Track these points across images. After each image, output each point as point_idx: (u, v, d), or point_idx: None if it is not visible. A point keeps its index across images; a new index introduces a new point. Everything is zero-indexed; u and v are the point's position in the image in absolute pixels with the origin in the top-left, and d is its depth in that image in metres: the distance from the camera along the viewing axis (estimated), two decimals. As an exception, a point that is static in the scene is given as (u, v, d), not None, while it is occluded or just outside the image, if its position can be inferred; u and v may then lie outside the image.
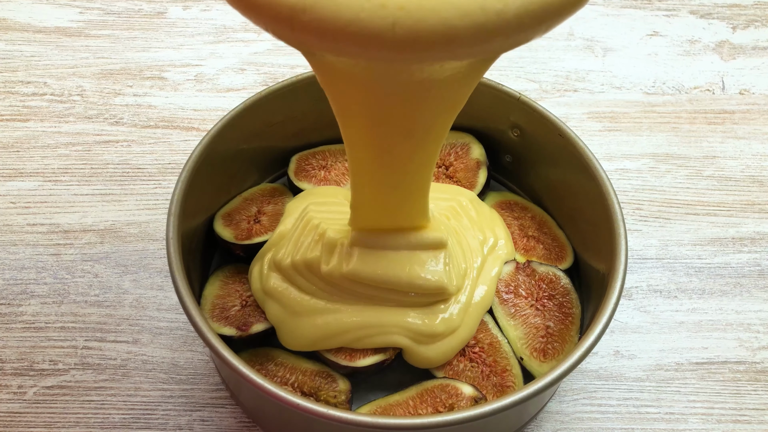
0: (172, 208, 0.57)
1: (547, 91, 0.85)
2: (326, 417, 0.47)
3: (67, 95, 0.83)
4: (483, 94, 0.65)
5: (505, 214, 0.68)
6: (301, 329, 0.58)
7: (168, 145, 0.79)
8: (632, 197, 0.77)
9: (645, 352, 0.67)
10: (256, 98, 0.63)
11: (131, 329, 0.67)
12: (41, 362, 0.65)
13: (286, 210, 0.65)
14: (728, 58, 0.89)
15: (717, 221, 0.75)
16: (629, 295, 0.70)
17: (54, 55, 0.86)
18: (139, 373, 0.65)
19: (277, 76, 0.85)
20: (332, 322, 0.57)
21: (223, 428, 0.62)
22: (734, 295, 0.70)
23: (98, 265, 0.70)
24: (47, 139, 0.79)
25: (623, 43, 0.90)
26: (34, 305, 0.68)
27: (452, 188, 0.67)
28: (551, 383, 0.49)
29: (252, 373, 0.49)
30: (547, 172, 0.67)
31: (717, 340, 0.68)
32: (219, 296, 0.62)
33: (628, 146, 0.80)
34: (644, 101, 0.84)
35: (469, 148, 0.69)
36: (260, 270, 0.61)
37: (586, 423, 0.63)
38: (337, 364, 0.58)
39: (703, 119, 0.83)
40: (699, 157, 0.80)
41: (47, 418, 0.63)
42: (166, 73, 0.85)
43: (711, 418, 0.64)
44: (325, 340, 0.58)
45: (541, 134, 0.65)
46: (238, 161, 0.66)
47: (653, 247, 0.73)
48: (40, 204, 0.74)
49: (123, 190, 0.75)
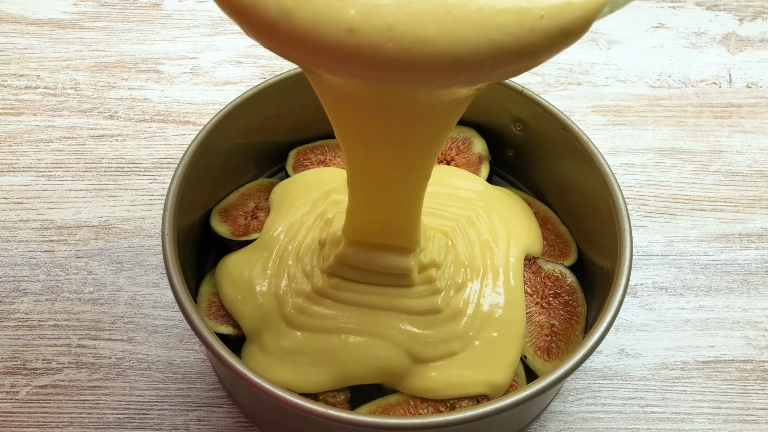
0: (167, 203, 0.56)
1: (550, 85, 0.85)
2: (325, 417, 0.47)
3: (61, 89, 0.82)
4: (485, 87, 0.65)
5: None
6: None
7: (164, 139, 0.79)
8: (637, 192, 0.76)
9: (650, 351, 0.67)
10: (253, 92, 0.63)
11: (126, 327, 0.67)
12: (34, 361, 0.65)
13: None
14: (735, 50, 0.89)
15: (724, 217, 0.75)
16: (634, 292, 0.70)
17: (47, 47, 0.86)
18: (134, 372, 0.65)
19: (275, 69, 0.85)
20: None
21: (220, 428, 0.62)
22: (741, 293, 0.70)
23: (92, 261, 0.70)
24: (40, 134, 0.79)
25: (628, 35, 0.90)
26: (26, 303, 0.68)
27: (470, 189, 0.65)
28: (554, 382, 0.49)
29: (249, 372, 0.49)
30: (551, 167, 0.67)
31: (724, 338, 0.68)
32: (216, 294, 0.62)
33: (633, 141, 0.80)
34: (649, 95, 0.84)
35: (471, 143, 0.69)
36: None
37: (590, 423, 0.63)
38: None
39: (709, 113, 0.83)
40: (705, 151, 0.80)
41: (40, 418, 0.62)
42: (162, 66, 0.85)
43: (718, 418, 0.64)
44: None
45: (545, 128, 0.64)
46: (235, 156, 0.66)
47: (659, 243, 0.73)
48: (33, 199, 0.74)
49: (118, 185, 0.75)
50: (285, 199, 0.64)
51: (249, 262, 0.60)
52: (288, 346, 0.55)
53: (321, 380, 0.55)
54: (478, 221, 0.62)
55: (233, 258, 0.61)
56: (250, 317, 0.58)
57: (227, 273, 0.61)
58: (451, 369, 0.56)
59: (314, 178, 0.66)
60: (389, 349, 0.55)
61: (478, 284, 0.59)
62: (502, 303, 0.58)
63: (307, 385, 0.55)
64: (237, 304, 0.59)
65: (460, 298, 0.57)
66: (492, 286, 0.59)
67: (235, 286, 0.59)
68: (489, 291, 0.59)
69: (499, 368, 0.56)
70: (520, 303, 0.59)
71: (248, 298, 0.58)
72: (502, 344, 0.57)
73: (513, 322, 0.58)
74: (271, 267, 0.59)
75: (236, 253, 0.62)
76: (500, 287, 0.59)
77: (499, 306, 0.58)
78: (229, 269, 0.61)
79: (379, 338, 0.55)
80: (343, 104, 0.43)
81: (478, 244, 0.61)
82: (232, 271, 0.60)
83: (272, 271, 0.59)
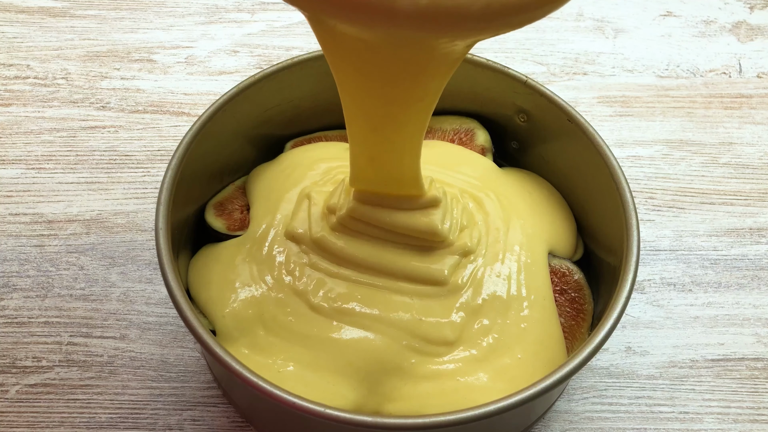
0: (161, 197, 0.56)
1: (555, 75, 0.84)
2: (324, 416, 0.47)
3: (51, 78, 0.82)
4: (488, 77, 0.65)
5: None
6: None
7: (157, 130, 0.78)
8: (645, 186, 0.76)
9: (658, 349, 0.67)
10: (249, 82, 0.63)
11: (118, 324, 0.67)
12: (24, 359, 0.65)
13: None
14: (745, 39, 0.89)
15: (734, 211, 0.75)
16: (641, 288, 0.70)
17: (37, 36, 0.86)
18: (126, 370, 0.64)
19: (272, 58, 0.85)
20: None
21: (215, 428, 0.62)
22: (752, 289, 0.70)
23: (84, 257, 0.70)
24: (30, 125, 0.78)
25: (635, 23, 0.90)
26: (16, 299, 0.68)
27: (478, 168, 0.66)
28: (559, 381, 0.49)
29: (245, 370, 0.49)
30: (556, 160, 0.67)
31: (734, 335, 0.67)
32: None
33: (641, 132, 0.80)
34: (657, 85, 0.84)
35: (473, 134, 0.69)
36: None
37: (596, 423, 0.63)
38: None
39: (719, 104, 0.82)
40: (715, 143, 0.79)
41: (30, 418, 0.62)
42: (156, 56, 0.85)
43: (727, 418, 0.63)
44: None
45: (549, 120, 0.64)
46: (231, 148, 0.66)
47: (667, 238, 0.73)
48: (23, 193, 0.74)
49: (110, 178, 0.75)
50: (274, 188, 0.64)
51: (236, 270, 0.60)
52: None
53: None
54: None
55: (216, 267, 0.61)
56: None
57: (207, 281, 0.60)
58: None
59: (302, 158, 0.66)
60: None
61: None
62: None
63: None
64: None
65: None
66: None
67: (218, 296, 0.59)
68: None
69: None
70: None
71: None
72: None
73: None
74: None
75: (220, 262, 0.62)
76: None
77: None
78: (210, 277, 0.60)
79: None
80: (348, 54, 0.43)
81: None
82: (213, 278, 0.60)
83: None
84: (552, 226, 0.63)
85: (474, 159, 0.66)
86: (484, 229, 0.60)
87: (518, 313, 0.57)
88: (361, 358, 0.55)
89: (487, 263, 0.58)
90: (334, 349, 0.55)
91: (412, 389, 0.54)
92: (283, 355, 0.55)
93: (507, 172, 0.67)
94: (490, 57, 0.65)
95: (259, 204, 0.63)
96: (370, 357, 0.55)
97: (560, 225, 0.64)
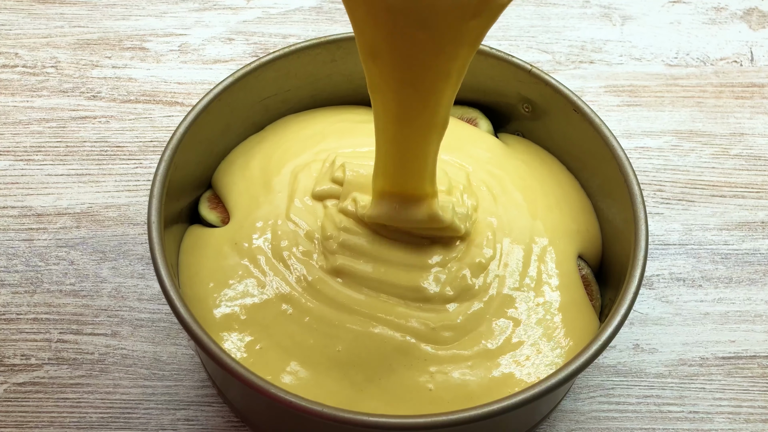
0: (154, 189, 0.56)
1: (560, 63, 0.84)
2: (322, 416, 0.47)
3: (41, 67, 0.82)
4: (491, 66, 0.64)
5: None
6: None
7: (150, 121, 0.78)
8: (653, 178, 0.76)
9: (667, 346, 0.67)
10: (245, 71, 0.63)
11: (110, 321, 0.67)
12: (12, 357, 0.65)
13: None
14: (757, 27, 0.88)
15: (745, 204, 0.75)
16: (650, 284, 0.70)
17: (26, 23, 0.86)
18: (118, 368, 0.64)
19: (268, 46, 0.84)
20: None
21: (210, 428, 0.62)
22: (764, 284, 0.70)
23: (74, 251, 0.70)
24: (18, 115, 0.78)
25: (643, 10, 0.90)
26: (4, 295, 0.68)
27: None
28: (565, 379, 0.49)
29: (241, 368, 0.48)
30: (561, 150, 0.67)
31: (745, 332, 0.67)
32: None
33: (649, 122, 0.80)
34: (666, 74, 0.84)
35: (476, 124, 0.69)
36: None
37: (603, 422, 0.63)
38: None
39: (730, 93, 0.82)
40: (726, 134, 0.79)
41: (19, 417, 0.62)
42: (148, 44, 0.84)
43: (739, 417, 0.63)
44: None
45: (555, 109, 0.64)
46: (226, 139, 0.66)
47: (676, 231, 0.73)
48: (11, 185, 0.74)
49: (101, 170, 0.75)
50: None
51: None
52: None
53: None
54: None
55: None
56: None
57: (195, 272, 0.60)
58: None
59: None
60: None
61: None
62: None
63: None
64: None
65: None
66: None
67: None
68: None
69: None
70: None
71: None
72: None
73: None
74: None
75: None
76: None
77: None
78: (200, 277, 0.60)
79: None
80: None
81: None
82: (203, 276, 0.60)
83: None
84: (575, 222, 0.63)
85: (481, 139, 0.66)
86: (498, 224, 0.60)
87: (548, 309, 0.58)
88: (358, 354, 0.54)
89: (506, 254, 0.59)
90: (331, 345, 0.55)
91: (413, 384, 0.54)
92: (278, 351, 0.55)
93: (516, 150, 0.67)
94: (494, 45, 0.64)
95: (240, 193, 0.63)
96: (368, 353, 0.54)
97: (583, 221, 0.64)
